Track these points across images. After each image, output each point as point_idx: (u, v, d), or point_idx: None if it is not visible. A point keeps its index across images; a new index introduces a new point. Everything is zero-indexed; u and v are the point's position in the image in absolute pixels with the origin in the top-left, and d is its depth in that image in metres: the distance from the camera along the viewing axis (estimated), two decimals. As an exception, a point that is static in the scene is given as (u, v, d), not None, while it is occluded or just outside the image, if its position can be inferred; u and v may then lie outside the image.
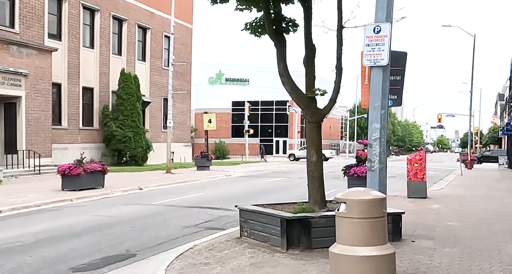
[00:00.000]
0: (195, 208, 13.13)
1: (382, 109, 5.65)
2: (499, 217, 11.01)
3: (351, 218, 5.02)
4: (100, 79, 32.12)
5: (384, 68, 5.92)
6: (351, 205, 5.04)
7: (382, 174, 5.61)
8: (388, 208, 8.88)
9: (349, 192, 5.23)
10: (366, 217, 4.99)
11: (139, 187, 18.80)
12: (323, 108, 8.09)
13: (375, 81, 5.82)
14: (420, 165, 14.60)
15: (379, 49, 5.85)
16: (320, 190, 8.05)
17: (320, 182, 8.07)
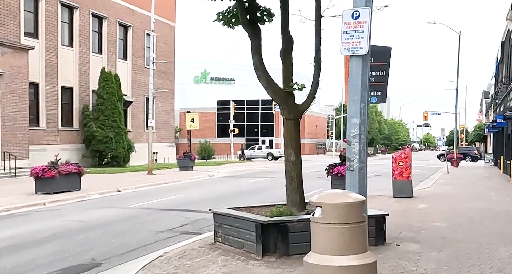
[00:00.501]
0: (172, 211, 12.56)
1: (362, 103, 5.16)
2: (488, 217, 10.61)
3: (327, 224, 4.50)
4: (80, 79, 31.32)
5: (364, 58, 5.40)
6: (327, 210, 4.52)
7: (363, 174, 5.11)
8: (371, 209, 8.45)
9: (325, 195, 4.72)
10: (344, 223, 4.48)
11: (117, 189, 18.17)
12: (302, 104, 7.58)
13: (354, 72, 5.30)
14: (406, 163, 14.18)
15: (358, 37, 5.34)
16: (299, 191, 7.54)
17: (299, 183, 7.57)
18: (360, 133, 5.01)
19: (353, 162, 5.06)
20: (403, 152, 14.40)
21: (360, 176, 5.07)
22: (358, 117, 5.07)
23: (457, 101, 37.70)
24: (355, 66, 5.25)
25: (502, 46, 30.48)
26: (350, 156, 5.09)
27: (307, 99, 7.52)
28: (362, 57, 5.38)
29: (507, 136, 26.33)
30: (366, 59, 5.24)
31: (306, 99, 7.55)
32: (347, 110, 21.34)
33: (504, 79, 24.69)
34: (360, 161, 5.04)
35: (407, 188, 14.32)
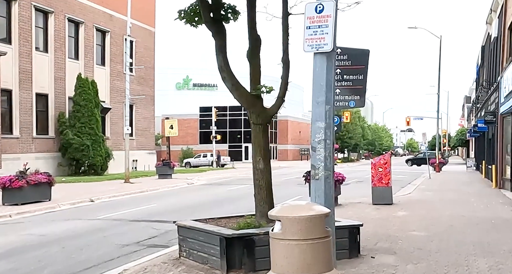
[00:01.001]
0: (143, 222, 11.98)
1: (327, 105, 4.70)
2: (469, 225, 10.24)
3: (287, 240, 4.03)
4: (56, 85, 30.52)
5: (329, 55, 4.92)
6: (287, 224, 4.05)
7: (329, 183, 4.65)
8: (345, 219, 8.00)
9: (285, 207, 4.24)
10: (306, 239, 4.01)
11: (90, 199, 17.51)
12: (270, 108, 7.12)
13: (318, 70, 4.83)
14: (385, 169, 13.80)
15: (322, 32, 4.88)
16: (268, 201, 7.07)
17: (268, 192, 7.09)
18: (325, 138, 4.56)
19: (318, 170, 4.59)
20: (382, 158, 14.02)
21: (326, 186, 4.61)
22: (323, 120, 4.61)
23: (438, 106, 37.68)
24: (319, 64, 4.78)
25: (482, 50, 30.52)
26: (315, 163, 4.63)
27: (276, 102, 7.07)
28: (326, 54, 4.92)
29: (488, 140, 26.25)
30: (331, 57, 4.78)
31: (275, 102, 7.09)
32: None
33: (485, 83, 24.64)
34: (325, 168, 4.57)
35: (387, 195, 13.94)
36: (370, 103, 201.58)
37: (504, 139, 19.43)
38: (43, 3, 29.14)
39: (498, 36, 21.31)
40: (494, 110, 21.62)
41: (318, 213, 4.10)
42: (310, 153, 4.73)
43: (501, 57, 19.83)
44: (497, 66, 22.11)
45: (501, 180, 19.82)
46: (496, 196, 17.07)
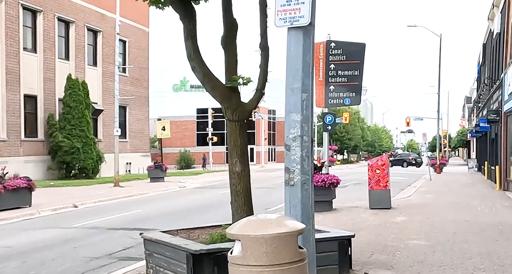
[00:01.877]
0: (121, 230, 11.10)
1: (304, 93, 3.80)
2: (474, 232, 9.34)
3: (248, 266, 3.14)
4: (45, 86, 29.64)
5: (306, 31, 3.90)
6: (249, 245, 3.16)
7: (307, 190, 3.76)
8: (334, 229, 7.06)
9: (249, 222, 3.35)
10: (272, 264, 3.12)
11: (73, 205, 16.65)
12: (248, 102, 6.25)
13: (293, 50, 3.86)
14: (383, 171, 12.91)
15: (297, 2, 3.92)
16: (247, 209, 6.20)
17: (246, 199, 6.23)
18: (302, 133, 3.67)
19: (293, 174, 3.71)
20: (379, 159, 13.13)
21: (303, 193, 3.73)
22: (298, 112, 3.73)
23: (439, 105, 36.81)
24: (294, 42, 3.83)
25: (484, 48, 29.65)
26: (289, 165, 3.75)
27: (254, 95, 6.20)
28: (303, 30, 3.94)
29: (491, 140, 25.35)
30: (308, 33, 3.81)
31: (253, 96, 6.22)
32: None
33: (487, 81, 23.77)
34: (302, 172, 3.69)
35: (385, 199, 13.05)
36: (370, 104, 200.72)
37: (508, 139, 18.55)
38: (31, 2, 28.29)
39: (501, 31, 20.44)
40: (497, 108, 20.74)
41: (290, 231, 3.22)
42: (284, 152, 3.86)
43: (504, 52, 18.96)
44: (499, 63, 21.23)
45: (505, 181, 18.93)
46: (500, 198, 16.19)
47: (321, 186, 12.36)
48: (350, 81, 13.22)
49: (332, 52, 13.23)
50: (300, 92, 3.78)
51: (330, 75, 13.28)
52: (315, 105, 13.80)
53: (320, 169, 12.83)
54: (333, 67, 13.22)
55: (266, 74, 6.02)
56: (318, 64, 13.35)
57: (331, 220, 11.24)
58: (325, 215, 12.00)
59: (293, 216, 3.74)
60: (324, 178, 12.43)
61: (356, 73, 13.15)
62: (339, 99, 13.33)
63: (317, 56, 13.36)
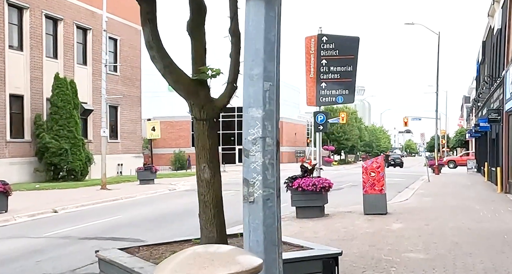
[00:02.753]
0: (95, 240, 10.23)
1: (267, 81, 2.95)
2: (477, 242, 8.51)
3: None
4: (32, 85, 28.73)
5: (268, 0, 2.96)
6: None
7: (270, 209, 2.87)
8: (318, 246, 6.11)
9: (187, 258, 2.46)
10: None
11: (53, 210, 15.81)
12: (219, 98, 5.42)
13: (252, 25, 2.91)
14: (378, 174, 12.07)
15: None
16: (217, 222, 5.36)
17: (217, 211, 5.39)
18: (264, 134, 2.81)
19: (253, 187, 2.84)
20: (374, 161, 12.29)
21: (266, 213, 2.85)
22: (259, 106, 2.87)
23: (437, 105, 36.04)
24: (253, 15, 2.89)
25: (484, 45, 28.86)
26: (248, 176, 2.89)
27: (225, 90, 5.37)
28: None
29: (491, 140, 24.54)
30: (272, 4, 2.90)
31: (224, 90, 5.37)
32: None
33: (487, 79, 22.97)
34: (265, 185, 2.82)
35: (380, 203, 12.22)
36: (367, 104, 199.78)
37: (510, 139, 17.73)
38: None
39: (502, 27, 19.63)
40: (498, 107, 19.93)
41: (240, 270, 2.34)
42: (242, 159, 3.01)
43: (506, 49, 18.16)
44: (500, 60, 20.43)
45: (507, 183, 18.12)
46: (503, 202, 15.37)
47: (312, 190, 11.54)
48: (343, 78, 12.41)
49: (324, 46, 12.42)
50: (262, 80, 2.92)
51: (321, 71, 12.46)
52: (306, 103, 12.99)
53: (311, 172, 11.99)
54: (325, 62, 12.41)
55: (238, 64, 5.17)
56: (309, 59, 12.54)
57: (322, 227, 10.41)
58: (316, 222, 11.17)
59: (253, 243, 2.89)
60: (315, 182, 11.59)
61: (349, 69, 12.34)
62: (331, 97, 12.52)
63: (308, 51, 12.54)
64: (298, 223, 11.06)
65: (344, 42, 12.39)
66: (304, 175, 11.96)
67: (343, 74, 12.30)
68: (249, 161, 2.90)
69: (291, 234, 9.61)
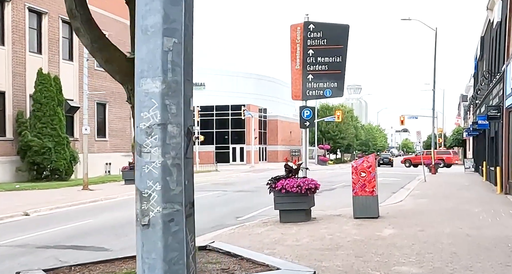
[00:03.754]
0: (53, 250, 9.22)
1: (169, 37, 1.94)
2: (478, 252, 7.52)
3: None
4: (14, 81, 27.64)
5: None
6: None
7: (176, 235, 1.85)
8: (290, 265, 5.12)
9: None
10: None
11: (25, 213, 14.82)
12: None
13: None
14: (369, 174, 11.08)
15: None
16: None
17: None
18: (164, 120, 1.78)
19: (147, 203, 1.86)
20: (365, 160, 11.29)
21: (169, 244, 1.83)
22: (158, 75, 1.85)
23: (434, 102, 35.09)
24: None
25: (482, 41, 27.91)
26: (142, 185, 1.92)
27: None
28: None
29: (490, 139, 23.59)
30: None
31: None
32: (322, 116, 17.70)
33: (486, 74, 22.02)
34: (166, 198, 1.83)
35: (371, 206, 11.23)
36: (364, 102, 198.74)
37: (510, 137, 16.77)
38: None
39: (502, 19, 18.68)
40: (498, 104, 18.98)
41: None
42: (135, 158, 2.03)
43: (506, 42, 17.20)
44: (500, 54, 19.48)
45: (507, 184, 17.17)
46: (503, 204, 14.41)
47: (296, 192, 10.55)
48: (332, 69, 11.40)
49: (310, 35, 11.41)
50: (160, 34, 1.93)
51: (308, 62, 11.46)
52: (291, 97, 11.99)
53: (296, 172, 11.00)
54: (312, 52, 11.41)
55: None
56: (295, 49, 11.53)
57: (306, 233, 9.42)
58: (300, 227, 10.18)
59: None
60: (300, 183, 10.60)
61: (338, 60, 11.34)
62: (318, 90, 11.51)
63: (293, 40, 11.54)
64: (281, 229, 10.08)
65: (332, 30, 11.39)
66: (289, 176, 10.97)
67: (332, 65, 11.31)
68: (142, 161, 1.91)
69: (271, 242, 8.64)
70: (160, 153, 1.89)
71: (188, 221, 1.94)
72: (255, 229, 10.21)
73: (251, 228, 10.39)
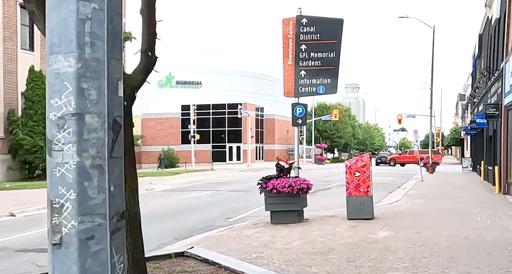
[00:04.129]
0: (31, 253, 8.84)
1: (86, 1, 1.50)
2: (476, 257, 7.14)
3: None
4: (5, 79, 27.22)
5: None
6: None
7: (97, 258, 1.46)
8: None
9: None
10: None
11: (11, 213, 14.46)
12: (132, 74, 4.04)
13: None
14: (363, 174, 10.69)
15: None
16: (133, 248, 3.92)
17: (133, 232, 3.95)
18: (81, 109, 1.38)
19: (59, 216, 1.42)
20: (359, 159, 10.89)
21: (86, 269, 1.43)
22: (72, 50, 1.45)
23: (431, 101, 34.75)
24: None
25: (480, 38, 27.54)
26: (53, 193, 1.52)
27: (140, 62, 3.97)
28: None
29: (488, 138, 23.24)
30: None
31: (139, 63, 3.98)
32: (319, 114, 17.25)
33: (485, 72, 21.65)
34: (82, 210, 1.41)
35: (366, 207, 10.84)
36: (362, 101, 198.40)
37: (509, 136, 16.40)
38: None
39: (501, 15, 18.30)
40: (496, 102, 18.61)
41: None
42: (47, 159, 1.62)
43: (505, 39, 16.82)
44: (499, 51, 19.10)
45: (506, 184, 16.80)
46: (502, 204, 14.04)
47: (288, 192, 10.15)
48: (325, 65, 10.99)
49: (303, 30, 10.99)
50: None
51: (301, 57, 11.05)
52: (283, 94, 11.58)
53: (288, 172, 10.60)
54: (304, 48, 11.00)
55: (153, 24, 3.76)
56: (287, 44, 11.12)
57: (297, 236, 9.03)
58: (291, 229, 9.79)
59: None
60: (291, 183, 10.20)
61: (332, 55, 10.93)
62: (311, 87, 11.12)
63: (285, 35, 11.12)
64: (271, 231, 9.68)
65: (326, 25, 10.98)
66: (280, 175, 10.57)
67: (325, 61, 10.91)
68: (52, 163, 1.50)
69: (260, 245, 8.24)
70: (75, 151, 1.48)
71: (114, 237, 1.53)
72: (245, 231, 9.82)
73: (241, 230, 10.00)
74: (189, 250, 5.02)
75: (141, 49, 3.90)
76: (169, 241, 9.46)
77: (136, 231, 4.11)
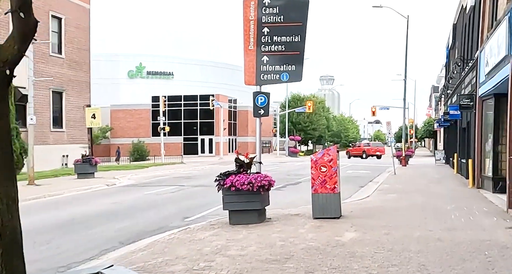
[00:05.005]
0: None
1: None
2: (450, 264, 6.34)
3: None
4: None
5: None
6: None
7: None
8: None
9: None
10: None
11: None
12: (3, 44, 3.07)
13: None
14: (330, 169, 9.83)
15: None
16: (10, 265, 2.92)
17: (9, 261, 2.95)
18: None
19: None
20: (326, 153, 10.01)
21: None
22: None
23: (405, 93, 34.31)
24: None
25: (454, 28, 27.04)
26: None
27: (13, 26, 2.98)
28: None
29: (462, 130, 22.78)
30: None
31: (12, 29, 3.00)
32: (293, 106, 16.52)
33: (459, 62, 21.09)
34: None
35: (332, 205, 10.00)
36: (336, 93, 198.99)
37: (483, 128, 15.82)
38: None
39: (476, 3, 17.67)
40: (470, 92, 18.04)
41: None
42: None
43: (480, 27, 16.18)
44: (473, 41, 18.51)
45: (480, 177, 16.24)
46: (476, 200, 13.42)
47: (247, 190, 9.23)
48: (289, 50, 10.05)
49: (266, 11, 10.02)
50: None
51: (263, 41, 10.10)
52: (244, 81, 10.62)
53: (249, 167, 9.66)
54: (267, 31, 10.04)
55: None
56: (248, 27, 10.13)
57: (255, 239, 8.11)
58: (250, 231, 8.87)
59: None
60: (251, 179, 9.27)
61: (296, 39, 9.99)
62: (274, 74, 10.17)
63: (246, 17, 10.12)
64: (228, 233, 8.75)
65: (290, 5, 10.03)
66: (240, 171, 9.62)
67: (289, 46, 9.97)
68: None
69: (212, 251, 7.29)
70: None
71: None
72: (199, 233, 8.86)
73: (195, 232, 9.03)
74: (104, 271, 4.03)
75: (10, 8, 2.94)
76: (113, 247, 8.43)
77: (12, 256, 3.13)
